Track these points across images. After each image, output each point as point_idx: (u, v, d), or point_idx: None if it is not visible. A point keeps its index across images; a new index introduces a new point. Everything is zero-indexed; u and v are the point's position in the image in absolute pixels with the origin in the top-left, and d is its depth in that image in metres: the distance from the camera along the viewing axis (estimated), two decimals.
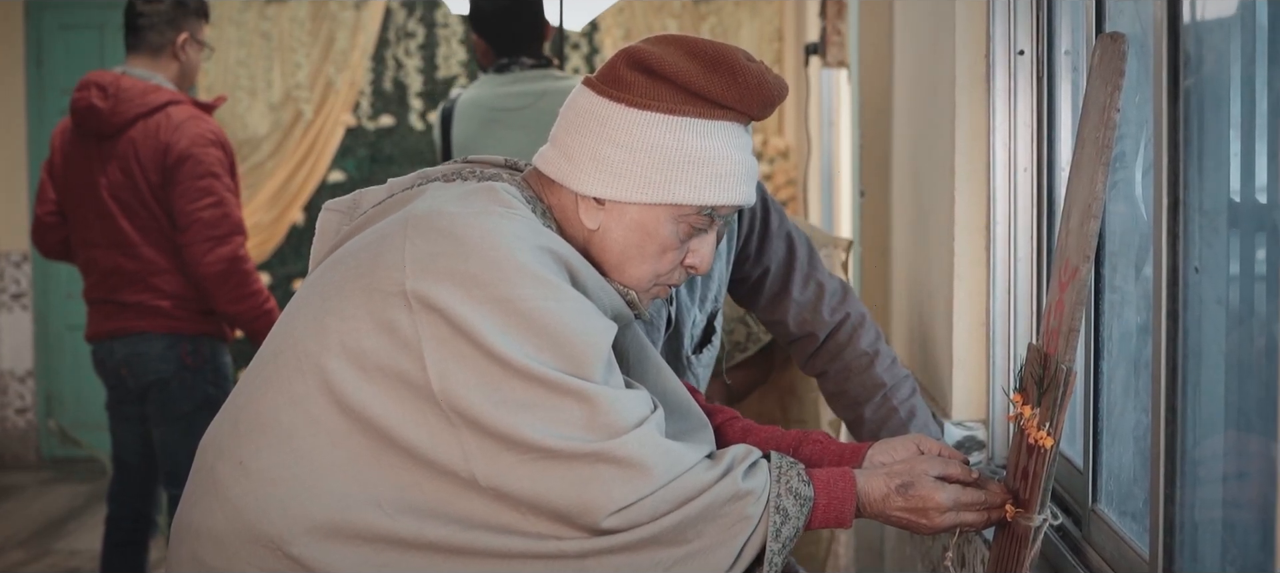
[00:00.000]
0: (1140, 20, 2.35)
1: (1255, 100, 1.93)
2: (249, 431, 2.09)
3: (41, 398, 9.07)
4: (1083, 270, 2.10)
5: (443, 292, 2.02)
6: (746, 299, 3.01)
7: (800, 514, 2.11)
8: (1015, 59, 2.98)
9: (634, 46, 2.19)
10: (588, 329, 2.05)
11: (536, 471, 2.00)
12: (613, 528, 2.02)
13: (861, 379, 2.96)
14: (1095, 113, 2.13)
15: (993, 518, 2.23)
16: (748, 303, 3.02)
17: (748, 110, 2.18)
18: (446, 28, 9.15)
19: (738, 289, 2.97)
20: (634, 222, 2.19)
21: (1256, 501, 1.94)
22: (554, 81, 4.72)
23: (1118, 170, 2.45)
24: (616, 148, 2.16)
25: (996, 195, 3.02)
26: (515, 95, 4.84)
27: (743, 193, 2.21)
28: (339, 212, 2.33)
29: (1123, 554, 2.35)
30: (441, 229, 2.07)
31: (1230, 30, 2.01)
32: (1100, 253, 2.51)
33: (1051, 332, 2.17)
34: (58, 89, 8.90)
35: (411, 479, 2.03)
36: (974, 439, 3.13)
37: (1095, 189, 2.08)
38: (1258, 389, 1.93)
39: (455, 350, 2.01)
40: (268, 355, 2.15)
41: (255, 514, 2.05)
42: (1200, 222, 2.07)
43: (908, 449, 2.29)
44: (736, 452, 2.13)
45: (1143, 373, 2.36)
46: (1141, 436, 2.36)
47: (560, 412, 2.01)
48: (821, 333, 2.98)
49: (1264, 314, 1.91)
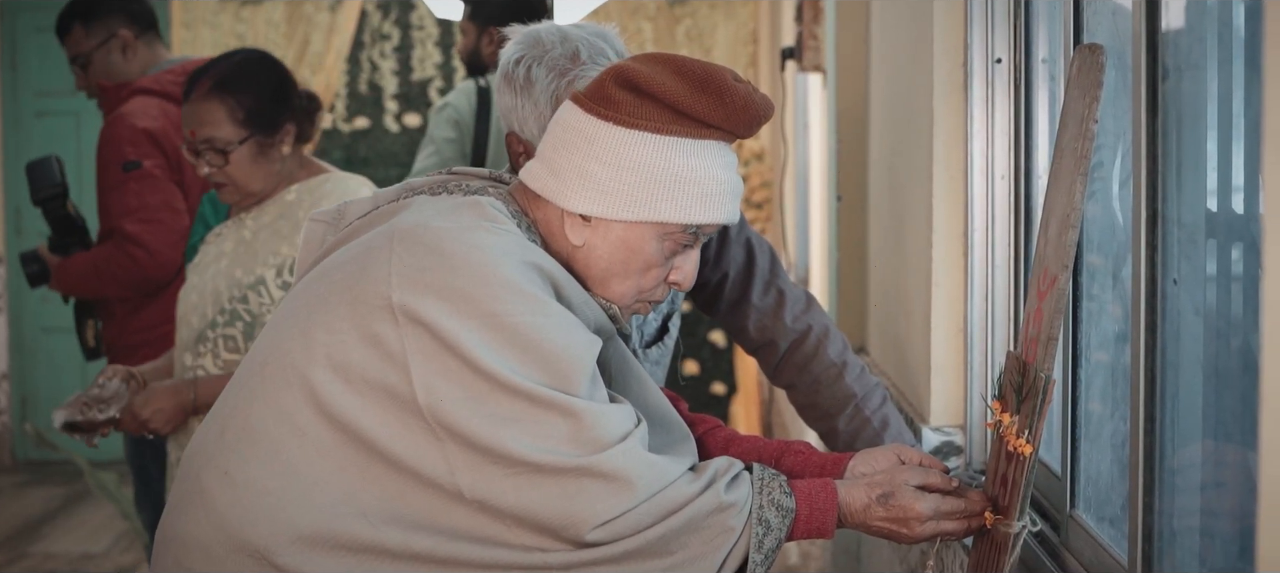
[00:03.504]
0: (1118, 31, 2.36)
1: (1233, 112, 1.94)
2: (235, 440, 2.10)
3: (16, 401, 9.04)
4: (1061, 280, 2.11)
5: (429, 306, 2.02)
6: (707, 305, 3.01)
7: (782, 526, 2.13)
8: (993, 67, 3.00)
9: (622, 64, 2.20)
10: (572, 344, 2.06)
11: (521, 484, 2.01)
12: (597, 541, 2.03)
13: (832, 391, 2.96)
14: (1073, 124, 2.14)
15: (973, 526, 2.24)
16: (708, 309, 3.02)
17: (734, 130, 2.19)
18: (422, 30, 9.14)
19: (697, 295, 2.97)
20: (619, 239, 2.20)
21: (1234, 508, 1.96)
22: None
23: (1095, 180, 2.46)
24: (603, 165, 2.17)
25: (974, 202, 3.03)
26: None
27: (728, 211, 2.22)
28: (324, 222, 2.34)
29: (1101, 561, 2.37)
30: (428, 244, 2.07)
31: (1208, 42, 2.02)
32: (1078, 261, 2.53)
33: (1030, 340, 2.19)
34: (32, 92, 8.87)
35: (397, 491, 2.04)
36: (952, 445, 3.15)
37: (1074, 199, 2.10)
38: (1235, 398, 1.95)
39: (441, 365, 2.02)
40: (254, 366, 2.15)
41: (241, 524, 2.06)
42: (1178, 233, 2.09)
43: (888, 459, 2.30)
44: (719, 464, 2.14)
45: (1120, 380, 2.37)
46: (1119, 443, 2.38)
47: (545, 426, 2.02)
48: (783, 342, 2.97)
49: (1241, 323, 1.92)
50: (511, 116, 2.60)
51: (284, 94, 3.54)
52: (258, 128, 3.48)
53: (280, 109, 3.52)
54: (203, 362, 3.47)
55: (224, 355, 3.45)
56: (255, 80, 3.51)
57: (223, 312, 3.44)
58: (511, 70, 2.58)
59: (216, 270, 3.50)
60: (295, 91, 3.57)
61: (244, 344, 3.42)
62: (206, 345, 3.46)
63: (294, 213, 3.51)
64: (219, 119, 3.46)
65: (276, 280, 3.43)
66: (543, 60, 2.55)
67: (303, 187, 3.56)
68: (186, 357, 3.50)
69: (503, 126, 2.66)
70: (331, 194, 3.51)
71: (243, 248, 3.51)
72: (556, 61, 2.55)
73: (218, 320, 3.44)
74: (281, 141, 3.53)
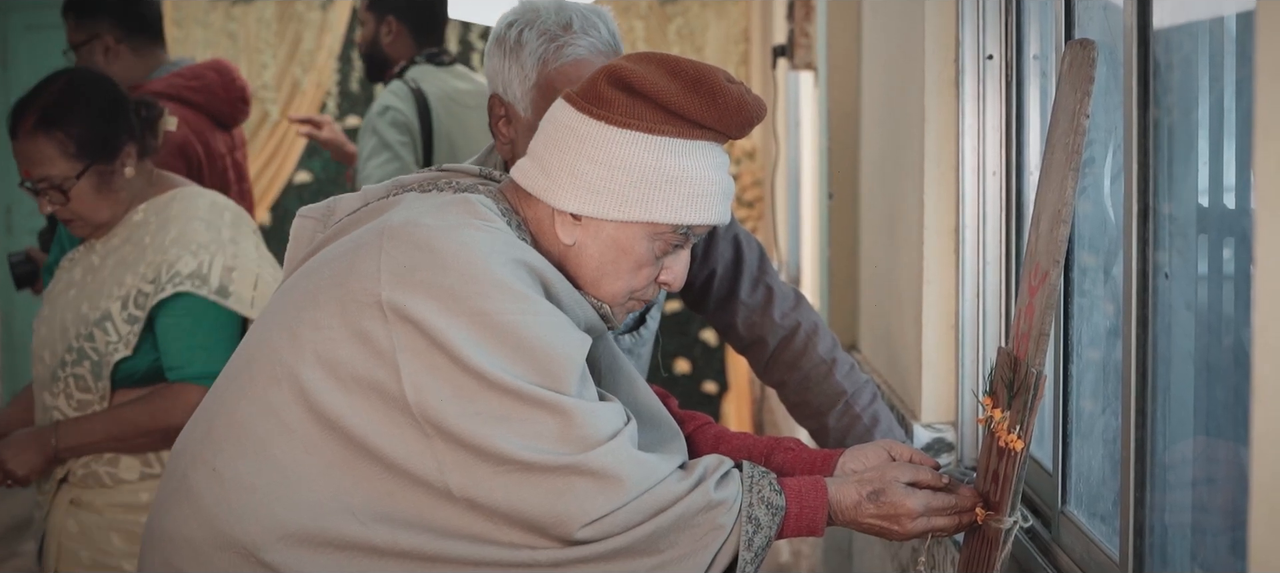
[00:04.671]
0: (1109, 27, 2.36)
1: (1224, 107, 1.94)
2: (223, 437, 2.10)
3: (7, 398, 9.03)
4: (1052, 275, 2.11)
5: (418, 304, 2.02)
6: (696, 303, 3.01)
7: (772, 524, 2.12)
8: (984, 63, 3.00)
9: (615, 64, 2.19)
10: (562, 342, 2.06)
11: (511, 482, 2.01)
12: (586, 539, 2.03)
13: (822, 388, 2.96)
14: (1065, 119, 2.14)
15: (964, 523, 2.24)
16: (697, 306, 3.01)
17: (726, 131, 2.19)
18: None
19: (686, 292, 2.97)
20: (610, 238, 2.20)
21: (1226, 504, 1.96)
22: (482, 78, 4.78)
23: (1086, 175, 2.46)
24: (595, 165, 2.16)
25: (966, 198, 3.03)
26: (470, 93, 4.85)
27: (719, 212, 2.22)
28: (313, 219, 2.33)
29: (1092, 556, 2.37)
30: (418, 241, 2.07)
31: (1199, 38, 2.02)
32: (1069, 256, 2.53)
33: (1021, 335, 2.19)
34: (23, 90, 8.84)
35: (385, 488, 2.03)
36: (943, 441, 3.14)
37: (1065, 195, 2.10)
38: (1226, 393, 1.95)
39: (430, 362, 2.01)
40: (242, 363, 2.15)
41: (229, 521, 2.05)
42: (1170, 227, 2.09)
43: (878, 456, 2.30)
44: (708, 462, 2.14)
45: (1112, 376, 2.37)
46: (1111, 438, 2.38)
47: (534, 424, 2.02)
48: (772, 339, 2.97)
49: (1233, 318, 1.92)
50: (497, 79, 2.66)
51: (117, 114, 3.32)
52: (94, 157, 3.27)
53: (116, 131, 3.31)
54: (58, 402, 3.35)
55: (77, 396, 3.33)
56: (83, 107, 3.29)
57: (71, 350, 3.30)
58: (504, 33, 2.65)
59: (65, 302, 3.37)
60: (129, 108, 3.35)
61: (94, 385, 3.30)
62: (60, 385, 3.34)
63: (140, 237, 3.35)
64: (50, 156, 3.26)
65: (122, 313, 3.28)
66: (535, 25, 2.62)
67: (150, 205, 3.39)
68: (45, 395, 3.38)
69: (488, 89, 2.71)
70: (179, 216, 3.34)
71: (91, 277, 3.36)
72: (548, 27, 2.62)
73: (67, 359, 3.31)
74: (122, 165, 3.33)
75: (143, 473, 3.33)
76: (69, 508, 3.36)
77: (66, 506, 3.36)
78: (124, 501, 3.33)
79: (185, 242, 3.31)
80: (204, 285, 3.27)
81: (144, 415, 3.28)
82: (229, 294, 3.29)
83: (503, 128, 2.69)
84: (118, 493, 3.33)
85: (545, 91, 2.60)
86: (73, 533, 3.35)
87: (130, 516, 3.33)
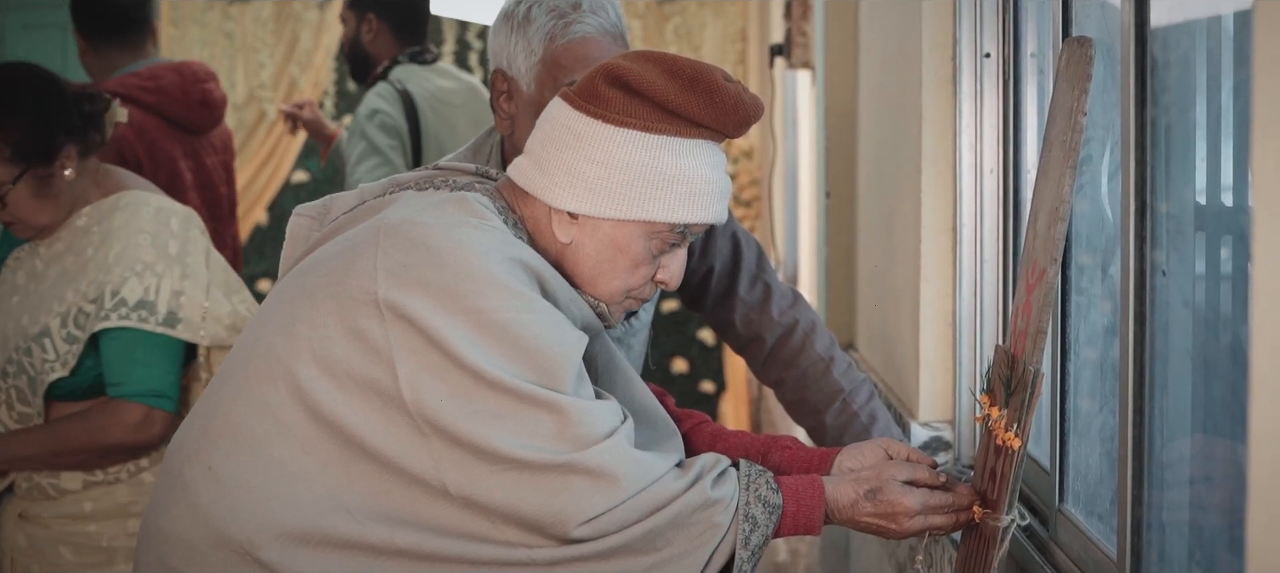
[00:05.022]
0: (1107, 25, 2.36)
1: (1221, 105, 1.94)
2: (219, 436, 2.09)
3: None
4: (1050, 273, 2.11)
5: (415, 302, 2.02)
6: (693, 301, 3.01)
7: (769, 522, 2.12)
8: (981, 61, 2.99)
9: (612, 62, 2.19)
10: (558, 341, 2.06)
11: (507, 481, 2.01)
12: (583, 537, 2.02)
13: (819, 386, 2.95)
14: (1062, 117, 2.14)
15: (961, 521, 2.24)
16: (695, 304, 3.01)
17: (723, 129, 2.19)
18: None
19: (684, 290, 2.96)
20: (607, 237, 2.19)
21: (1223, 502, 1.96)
22: (467, 75, 4.80)
23: (1083, 173, 2.46)
24: (592, 164, 2.16)
25: (963, 197, 3.03)
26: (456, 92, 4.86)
27: (716, 211, 2.22)
28: (309, 217, 2.33)
29: (1090, 555, 2.36)
30: (414, 239, 2.07)
31: (1197, 36, 2.02)
32: (1066, 255, 2.52)
33: (1019, 333, 2.18)
34: None
35: (382, 487, 2.03)
36: (940, 440, 3.14)
37: (1062, 192, 2.10)
38: (1224, 391, 1.95)
39: (427, 361, 2.01)
40: (238, 361, 2.14)
41: (224, 520, 2.05)
42: (1167, 225, 2.08)
43: (875, 454, 2.30)
44: (705, 461, 2.14)
45: (1109, 374, 2.37)
46: (1108, 436, 2.37)
47: (531, 423, 2.02)
48: (770, 336, 2.97)
49: (1230, 317, 1.92)
50: (502, 54, 2.67)
51: (55, 112, 3.16)
52: (31, 159, 3.13)
53: (53, 132, 3.15)
54: (0, 413, 3.25)
55: (18, 407, 3.22)
56: (17, 107, 3.13)
57: (11, 362, 3.19)
58: (512, 8, 2.66)
59: (6, 309, 3.25)
60: (70, 105, 3.19)
61: (31, 399, 3.19)
62: (0, 395, 3.23)
63: (82, 247, 3.21)
64: None
65: (61, 331, 3.15)
66: (544, 1, 2.64)
67: (94, 211, 3.25)
68: None
69: (490, 65, 2.72)
70: (123, 229, 3.20)
71: (34, 284, 3.24)
72: (557, 4, 2.64)
73: (8, 370, 3.19)
74: (61, 168, 3.17)
75: (86, 482, 3.22)
76: (18, 522, 3.28)
77: (16, 519, 3.28)
78: (69, 511, 3.24)
79: (129, 261, 3.17)
80: (151, 316, 3.14)
81: (81, 432, 3.17)
82: (178, 322, 3.17)
83: (504, 104, 2.69)
84: (62, 505, 3.24)
85: (550, 68, 2.61)
86: (23, 548, 3.27)
87: (77, 526, 3.24)
